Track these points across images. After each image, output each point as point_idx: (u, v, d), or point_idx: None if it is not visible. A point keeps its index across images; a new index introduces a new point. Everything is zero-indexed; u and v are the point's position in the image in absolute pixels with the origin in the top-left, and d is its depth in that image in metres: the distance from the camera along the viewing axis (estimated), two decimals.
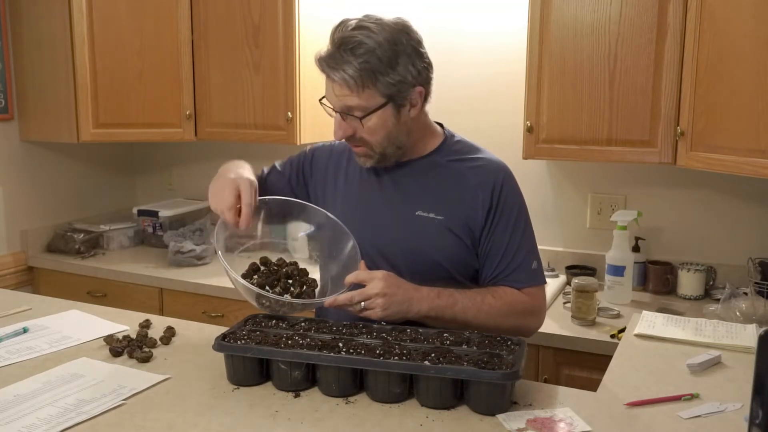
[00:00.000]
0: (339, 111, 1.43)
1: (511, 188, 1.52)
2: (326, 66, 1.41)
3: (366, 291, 1.37)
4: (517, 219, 1.51)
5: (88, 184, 3.18)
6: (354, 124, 1.43)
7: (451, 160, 1.54)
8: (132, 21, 2.68)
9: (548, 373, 2.03)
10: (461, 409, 1.20)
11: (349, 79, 1.38)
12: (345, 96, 1.40)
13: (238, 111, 2.71)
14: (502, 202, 1.49)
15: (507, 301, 1.46)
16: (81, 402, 1.22)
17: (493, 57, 2.59)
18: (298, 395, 1.26)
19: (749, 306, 1.95)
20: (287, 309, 1.46)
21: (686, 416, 1.21)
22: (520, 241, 1.50)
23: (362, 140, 1.45)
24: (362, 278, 1.39)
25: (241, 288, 1.45)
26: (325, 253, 1.59)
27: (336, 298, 1.38)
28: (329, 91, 1.44)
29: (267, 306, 1.45)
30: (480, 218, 1.49)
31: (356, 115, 1.42)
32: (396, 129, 1.45)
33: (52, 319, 1.70)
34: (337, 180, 1.62)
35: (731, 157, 1.89)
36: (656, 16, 2.06)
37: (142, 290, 2.66)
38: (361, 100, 1.40)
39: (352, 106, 1.41)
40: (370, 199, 1.56)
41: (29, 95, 2.78)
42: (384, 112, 1.42)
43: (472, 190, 1.49)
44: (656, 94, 2.09)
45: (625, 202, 2.49)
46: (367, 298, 1.37)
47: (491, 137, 2.36)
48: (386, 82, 1.40)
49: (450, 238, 1.48)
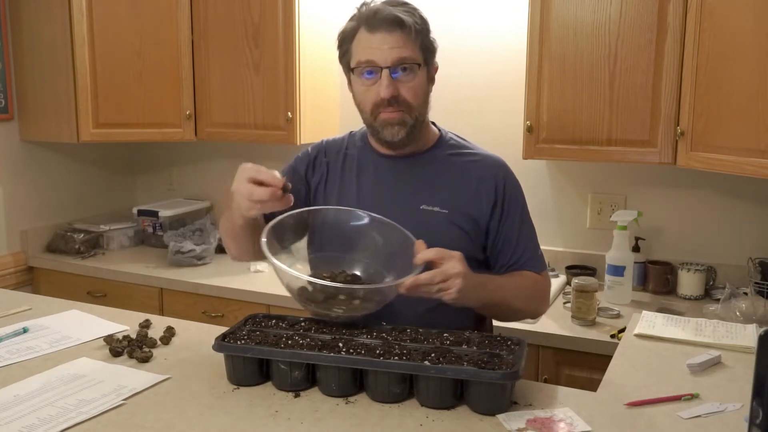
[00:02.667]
0: (392, 65, 1.43)
1: (512, 182, 1.59)
2: (390, 13, 1.43)
3: (446, 270, 1.32)
4: (522, 211, 1.59)
5: (88, 184, 3.18)
6: (399, 84, 1.45)
7: (450, 155, 1.58)
8: (132, 21, 2.68)
9: (548, 373, 2.03)
10: (461, 409, 1.20)
11: (417, 25, 1.44)
12: (402, 47, 1.43)
13: (238, 111, 2.71)
14: (508, 197, 1.56)
15: (532, 282, 1.56)
16: (81, 402, 1.22)
17: (493, 57, 2.59)
18: (298, 395, 1.26)
19: (749, 306, 1.95)
20: (345, 308, 1.36)
21: (686, 416, 1.21)
22: (529, 230, 1.59)
23: (405, 102, 1.46)
24: (442, 255, 1.33)
25: (296, 290, 1.37)
26: (375, 252, 1.50)
27: (417, 278, 1.31)
28: (376, 47, 1.43)
29: (322, 302, 1.35)
30: (485, 212, 1.53)
31: (414, 63, 1.44)
32: (427, 98, 1.52)
33: (52, 319, 1.70)
34: (337, 177, 1.62)
35: (731, 157, 1.89)
36: (656, 16, 2.06)
37: (142, 290, 2.66)
38: (414, 53, 1.45)
39: (407, 57, 1.44)
40: (374, 193, 1.56)
41: (29, 95, 2.78)
42: (423, 72, 1.48)
43: (474, 184, 1.54)
44: (656, 94, 2.09)
45: (625, 202, 2.49)
46: (447, 278, 1.32)
47: (491, 137, 2.36)
48: (428, 42, 1.48)
49: (455, 231, 1.50)
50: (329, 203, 1.58)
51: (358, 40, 1.47)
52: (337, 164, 1.62)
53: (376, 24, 1.44)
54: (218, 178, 3.21)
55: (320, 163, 1.64)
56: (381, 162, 1.57)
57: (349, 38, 1.49)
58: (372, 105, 1.48)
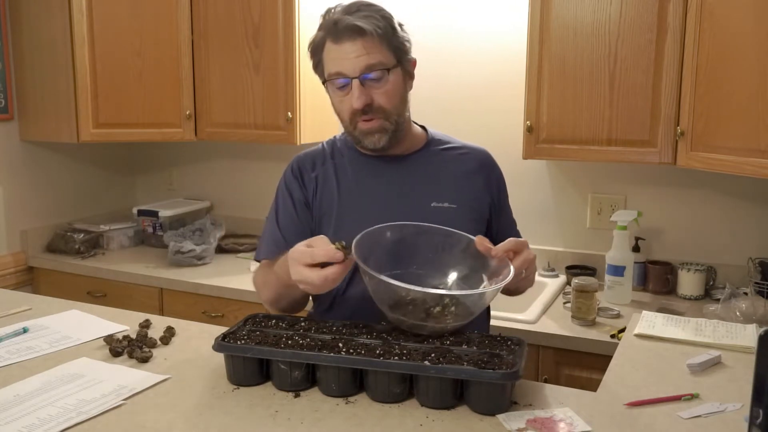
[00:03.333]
0: (360, 74, 1.42)
1: (499, 169, 1.66)
2: (349, 23, 1.40)
3: (529, 257, 1.34)
4: (507, 195, 1.68)
5: (88, 184, 3.18)
6: (371, 91, 1.43)
7: (443, 150, 1.60)
8: (132, 21, 2.68)
9: (548, 373, 2.03)
10: (461, 409, 1.20)
11: (379, 29, 1.41)
12: (368, 54, 1.41)
13: (238, 111, 2.71)
14: (501, 184, 1.65)
15: None
16: (81, 402, 1.22)
17: (492, 57, 2.59)
18: (298, 395, 1.26)
19: (749, 306, 1.95)
20: (452, 318, 1.30)
21: (686, 416, 1.21)
22: (511, 211, 1.71)
23: (380, 109, 1.45)
24: (516, 244, 1.33)
25: (384, 297, 1.31)
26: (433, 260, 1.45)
27: (512, 275, 1.30)
28: (343, 57, 1.42)
29: (419, 312, 1.30)
30: (486, 201, 1.59)
31: (383, 68, 1.42)
32: (405, 97, 1.50)
33: (52, 319, 1.70)
34: (332, 188, 1.55)
35: (731, 157, 1.89)
36: (656, 16, 2.06)
37: (142, 290, 2.66)
38: (382, 57, 1.43)
39: (374, 63, 1.42)
40: (381, 197, 1.53)
41: (29, 95, 2.78)
42: (396, 73, 1.46)
43: (472, 175, 1.58)
44: (656, 94, 2.09)
45: (625, 202, 2.49)
46: (530, 265, 1.36)
47: (491, 137, 2.37)
48: (396, 41, 1.45)
49: (466, 225, 1.49)
50: (329, 216, 1.53)
51: (326, 51, 1.46)
52: (327, 175, 1.57)
53: (338, 34, 1.42)
54: (218, 178, 3.22)
55: (309, 180, 1.58)
56: (378, 164, 1.55)
57: (319, 49, 1.48)
58: (349, 114, 1.47)
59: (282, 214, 1.59)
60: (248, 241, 2.99)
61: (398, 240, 1.42)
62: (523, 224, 1.78)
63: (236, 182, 3.17)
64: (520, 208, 1.82)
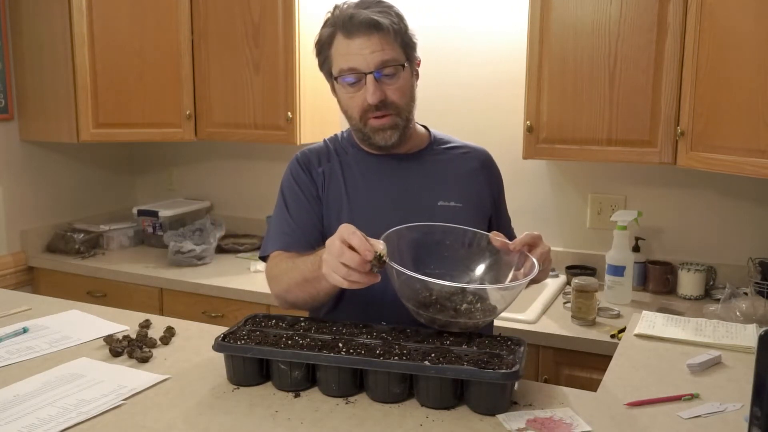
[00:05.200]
0: (375, 69, 1.41)
1: (498, 168, 1.69)
2: (366, 17, 1.40)
3: (545, 249, 1.37)
4: (504, 193, 1.71)
5: (88, 184, 3.18)
6: (384, 87, 1.43)
7: (446, 149, 1.61)
8: (132, 21, 2.68)
9: (548, 373, 2.03)
10: (461, 409, 1.20)
11: (395, 24, 1.42)
12: (383, 50, 1.41)
13: (238, 111, 2.71)
14: (500, 183, 1.68)
15: None
16: (81, 402, 1.22)
17: (492, 57, 2.59)
18: (298, 395, 1.26)
19: (749, 306, 1.95)
20: (481, 314, 1.32)
21: (686, 416, 1.21)
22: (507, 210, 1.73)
23: (393, 105, 1.45)
24: (538, 237, 1.38)
25: (407, 293, 1.30)
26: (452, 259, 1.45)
27: (538, 267, 1.31)
28: (356, 53, 1.41)
29: (447, 309, 1.31)
30: (488, 199, 1.61)
31: (397, 64, 1.42)
32: (414, 95, 1.51)
33: (52, 319, 1.70)
34: (339, 185, 1.55)
35: (731, 157, 1.89)
36: (656, 16, 2.06)
37: (142, 290, 2.66)
38: (395, 53, 1.43)
39: (389, 59, 1.42)
40: (389, 196, 1.53)
41: (29, 95, 2.78)
42: (407, 71, 1.47)
43: (474, 175, 1.60)
44: (656, 94, 2.09)
45: (625, 202, 2.49)
46: (547, 257, 1.38)
47: (491, 137, 2.37)
48: (407, 38, 1.46)
49: (472, 223, 1.49)
50: (337, 212, 1.51)
51: (336, 46, 1.45)
52: (334, 171, 1.56)
53: (352, 29, 1.41)
54: (218, 178, 3.22)
55: (317, 174, 1.56)
56: (383, 163, 1.54)
57: (327, 45, 1.47)
58: (360, 111, 1.46)
59: (292, 204, 1.55)
60: (248, 241, 3.00)
61: (413, 240, 1.42)
62: (523, 224, 1.78)
63: (236, 182, 3.17)
64: (520, 208, 1.83)
